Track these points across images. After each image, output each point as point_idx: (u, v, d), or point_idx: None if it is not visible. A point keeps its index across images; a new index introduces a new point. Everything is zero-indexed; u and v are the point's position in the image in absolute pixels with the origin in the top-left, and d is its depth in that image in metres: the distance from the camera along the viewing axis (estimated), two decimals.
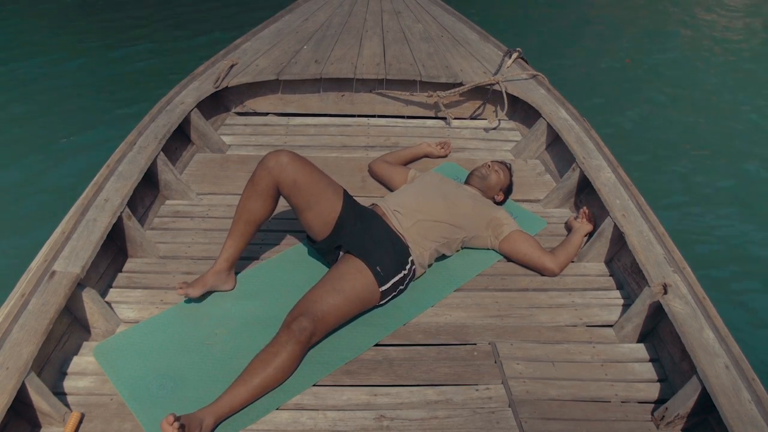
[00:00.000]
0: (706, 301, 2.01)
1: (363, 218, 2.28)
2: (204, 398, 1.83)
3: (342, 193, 2.25)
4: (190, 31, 6.42)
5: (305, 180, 2.13)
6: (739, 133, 4.92)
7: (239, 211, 2.18)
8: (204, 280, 2.17)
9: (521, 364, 2.00)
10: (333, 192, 2.22)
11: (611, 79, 5.79)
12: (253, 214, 2.16)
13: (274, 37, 3.77)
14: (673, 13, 7.55)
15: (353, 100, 3.47)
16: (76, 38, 6.23)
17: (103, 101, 5.05)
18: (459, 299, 2.27)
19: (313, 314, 1.93)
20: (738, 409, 1.67)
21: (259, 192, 2.13)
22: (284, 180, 2.11)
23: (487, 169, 2.64)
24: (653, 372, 2.00)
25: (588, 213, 2.59)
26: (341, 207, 2.21)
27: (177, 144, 3.00)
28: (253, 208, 2.15)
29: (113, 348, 2.01)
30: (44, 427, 1.75)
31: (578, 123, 3.04)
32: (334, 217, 2.21)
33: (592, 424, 1.81)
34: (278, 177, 2.11)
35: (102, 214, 2.29)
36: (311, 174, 2.15)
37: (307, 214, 2.20)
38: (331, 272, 2.10)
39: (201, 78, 3.32)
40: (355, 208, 2.28)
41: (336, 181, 2.28)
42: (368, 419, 1.81)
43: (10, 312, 1.85)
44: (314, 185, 2.16)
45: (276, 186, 2.13)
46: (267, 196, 2.15)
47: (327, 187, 2.20)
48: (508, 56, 3.56)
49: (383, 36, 3.82)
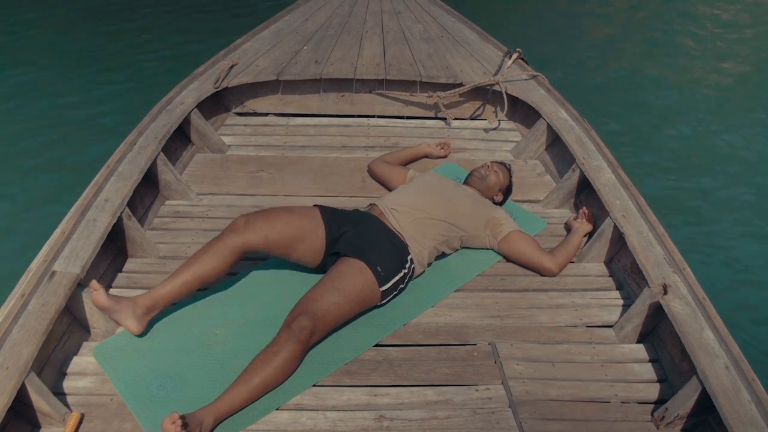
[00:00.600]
0: (706, 302, 2.01)
1: (356, 222, 2.27)
2: (204, 398, 1.83)
3: (319, 216, 2.23)
4: (191, 32, 6.42)
5: (275, 233, 2.11)
6: (740, 133, 4.92)
7: (193, 260, 2.07)
8: (118, 301, 1.99)
9: (521, 365, 2.00)
10: (309, 222, 2.19)
11: (611, 79, 5.80)
12: (206, 271, 2.06)
13: (274, 37, 3.77)
14: (673, 13, 7.55)
15: (353, 101, 3.47)
16: (77, 38, 6.23)
17: (103, 101, 5.04)
18: (459, 299, 2.27)
19: (313, 313, 1.93)
20: (738, 409, 1.67)
21: (221, 251, 2.06)
22: (254, 240, 2.09)
23: (487, 170, 2.64)
24: (653, 372, 2.00)
25: (588, 213, 2.59)
26: (324, 230, 2.20)
27: (177, 144, 3.00)
28: (209, 263, 2.05)
29: (113, 348, 2.01)
30: (44, 427, 1.75)
31: (578, 123, 3.04)
32: (323, 242, 2.20)
33: (592, 425, 1.81)
34: (248, 239, 2.08)
35: (102, 215, 2.29)
36: (280, 223, 2.13)
37: (294, 254, 2.20)
38: (331, 272, 2.10)
39: (201, 78, 3.32)
40: (342, 218, 2.27)
41: (306, 207, 2.25)
42: (368, 419, 1.81)
43: (10, 312, 1.85)
44: (286, 232, 2.13)
45: (242, 248, 2.09)
46: (227, 256, 2.07)
47: (301, 222, 2.17)
48: (508, 57, 3.56)
49: (383, 36, 3.82)
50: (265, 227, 2.11)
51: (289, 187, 2.89)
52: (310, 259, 2.23)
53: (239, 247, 2.08)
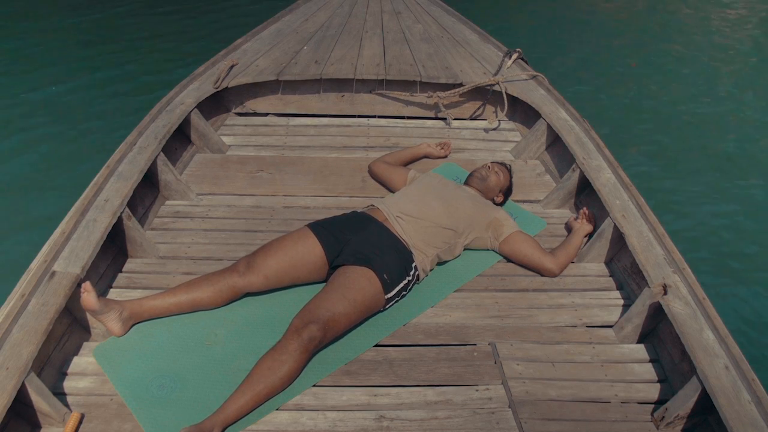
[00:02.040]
0: (706, 302, 2.01)
1: (357, 228, 2.26)
2: (204, 399, 1.83)
3: (312, 236, 2.22)
4: (191, 31, 6.42)
5: (273, 271, 2.14)
6: (741, 133, 4.93)
7: (191, 286, 2.11)
8: (107, 304, 1.99)
9: (521, 365, 2.00)
10: (303, 246, 2.20)
11: (611, 79, 5.79)
12: (200, 299, 2.10)
13: (274, 37, 3.77)
14: (673, 14, 7.55)
15: (353, 101, 3.47)
16: (77, 38, 6.23)
17: (103, 101, 5.05)
18: (459, 300, 2.27)
19: (325, 323, 1.93)
20: (738, 409, 1.67)
21: (220, 286, 2.11)
22: (255, 283, 2.13)
23: (487, 171, 2.64)
24: (653, 372, 2.00)
25: (588, 213, 2.59)
26: (322, 247, 2.20)
27: (177, 144, 3.00)
28: (206, 293, 2.10)
29: (113, 348, 2.00)
30: (44, 427, 1.75)
31: (578, 123, 3.04)
32: (322, 260, 2.21)
33: (591, 425, 1.81)
34: (249, 281, 2.12)
35: (102, 215, 2.29)
36: (275, 258, 2.15)
37: (299, 280, 2.22)
38: (338, 279, 2.09)
39: (201, 78, 3.32)
40: (341, 228, 2.26)
41: (299, 231, 2.25)
42: (368, 419, 1.81)
43: (10, 312, 1.85)
44: (284, 263, 2.16)
45: (242, 291, 2.14)
46: (225, 292, 2.11)
47: (296, 249, 2.18)
48: (508, 57, 3.56)
49: (383, 36, 3.82)
50: (264, 267, 2.14)
51: (289, 187, 2.89)
52: (316, 277, 2.24)
53: (240, 289, 2.14)
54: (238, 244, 2.49)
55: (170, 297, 2.09)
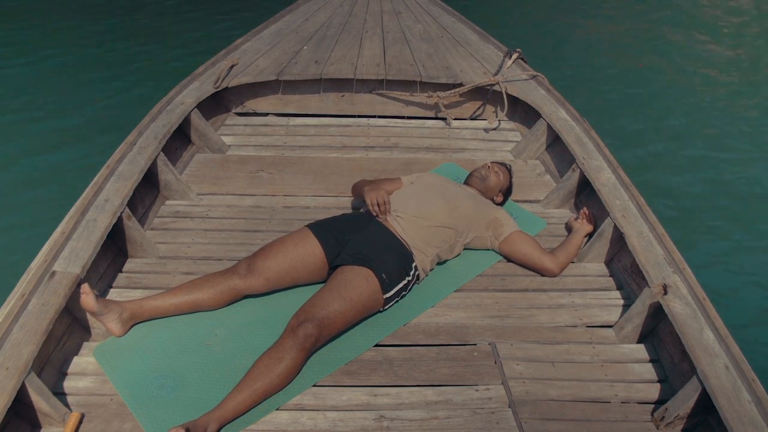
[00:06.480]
0: (706, 302, 2.01)
1: (357, 228, 2.26)
2: (203, 398, 1.83)
3: (312, 236, 2.22)
4: (190, 31, 6.42)
5: (273, 273, 2.15)
6: (742, 134, 4.92)
7: (191, 287, 2.11)
8: (106, 305, 1.99)
9: (521, 365, 2.00)
10: (303, 247, 2.19)
11: (611, 79, 5.79)
12: (200, 300, 2.11)
13: (275, 37, 3.77)
14: (674, 12, 7.55)
15: (353, 101, 3.47)
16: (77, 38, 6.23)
17: (103, 101, 5.04)
18: (459, 299, 2.27)
19: (320, 321, 1.93)
20: (738, 409, 1.67)
21: (221, 288, 2.11)
22: (255, 285, 2.14)
23: (487, 170, 2.64)
24: (653, 372, 2.00)
25: (588, 213, 2.59)
26: (322, 248, 2.20)
27: (177, 144, 3.00)
28: (206, 294, 2.11)
29: (113, 348, 2.01)
30: (44, 427, 1.75)
31: (578, 123, 3.04)
32: (322, 260, 2.21)
33: (592, 425, 1.81)
34: (250, 284, 2.13)
35: (102, 215, 2.29)
36: (276, 259, 2.15)
37: (299, 281, 2.22)
38: (337, 278, 2.09)
39: (201, 78, 3.32)
40: (340, 227, 2.26)
41: (298, 231, 2.25)
42: (368, 419, 1.81)
43: (10, 312, 1.85)
44: (284, 265, 2.16)
45: (243, 293, 2.15)
46: (226, 294, 2.12)
47: (296, 250, 2.18)
48: (508, 57, 3.56)
49: (383, 36, 3.82)
50: (265, 270, 2.14)
51: (289, 187, 2.89)
52: (316, 278, 2.24)
53: (241, 291, 2.14)
54: (238, 244, 2.49)
55: (170, 298, 2.09)
